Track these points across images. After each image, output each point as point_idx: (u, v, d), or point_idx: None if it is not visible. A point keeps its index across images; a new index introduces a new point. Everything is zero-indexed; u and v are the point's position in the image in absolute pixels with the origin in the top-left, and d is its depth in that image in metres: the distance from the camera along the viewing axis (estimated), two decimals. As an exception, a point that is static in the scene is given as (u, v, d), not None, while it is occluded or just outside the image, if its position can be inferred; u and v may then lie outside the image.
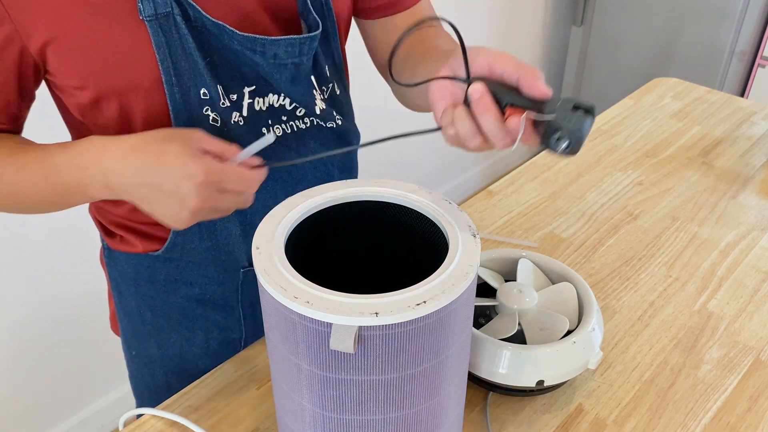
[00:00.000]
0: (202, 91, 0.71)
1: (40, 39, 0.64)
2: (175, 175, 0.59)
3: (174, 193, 0.60)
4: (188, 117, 0.71)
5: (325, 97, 0.81)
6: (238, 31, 0.69)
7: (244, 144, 0.76)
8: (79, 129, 0.76)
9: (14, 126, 0.73)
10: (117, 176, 0.62)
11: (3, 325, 1.55)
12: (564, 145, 0.58)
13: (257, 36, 0.71)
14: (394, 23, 0.86)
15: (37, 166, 0.67)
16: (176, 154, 0.59)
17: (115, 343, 1.00)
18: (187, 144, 0.60)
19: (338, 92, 0.82)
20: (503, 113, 0.60)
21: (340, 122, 0.83)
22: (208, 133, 0.63)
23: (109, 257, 0.89)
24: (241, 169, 0.62)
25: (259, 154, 0.64)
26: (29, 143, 0.71)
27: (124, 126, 0.71)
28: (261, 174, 0.64)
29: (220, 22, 0.68)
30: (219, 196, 0.61)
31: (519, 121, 0.58)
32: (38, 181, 0.68)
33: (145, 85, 0.68)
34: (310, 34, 0.74)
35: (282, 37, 0.72)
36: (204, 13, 0.67)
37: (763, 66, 2.39)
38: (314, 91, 0.79)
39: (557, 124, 0.58)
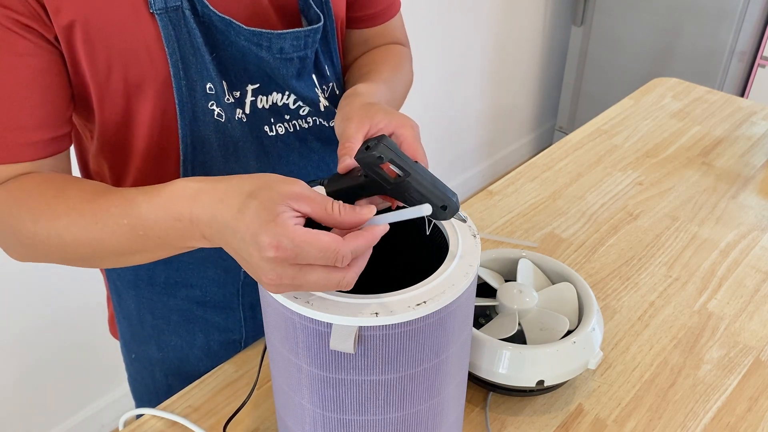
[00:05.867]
0: (208, 86, 0.71)
1: (67, 17, 0.63)
2: (246, 244, 0.49)
3: (248, 261, 0.51)
4: (193, 111, 0.71)
5: (327, 95, 0.81)
6: (244, 26, 0.70)
7: (246, 143, 0.76)
8: (83, 126, 0.76)
9: (63, 140, 0.69)
10: (207, 228, 0.53)
11: (3, 326, 1.55)
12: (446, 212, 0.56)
13: (263, 30, 0.71)
14: (364, 37, 0.90)
15: (120, 214, 0.58)
16: (253, 216, 0.49)
17: (115, 343, 1.00)
18: (268, 203, 0.49)
19: (338, 92, 0.83)
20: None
21: None
22: (306, 186, 0.52)
23: None
24: (326, 241, 0.49)
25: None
26: (101, 187, 0.63)
27: (128, 120, 0.71)
28: (355, 243, 0.50)
29: (227, 18, 0.69)
30: (300, 272, 0.49)
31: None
32: (122, 232, 0.58)
33: (153, 78, 0.68)
34: (314, 26, 0.75)
35: (288, 30, 0.73)
36: (211, 8, 0.68)
37: (763, 66, 2.39)
38: (316, 89, 0.79)
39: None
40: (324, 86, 0.81)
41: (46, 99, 0.65)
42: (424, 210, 0.52)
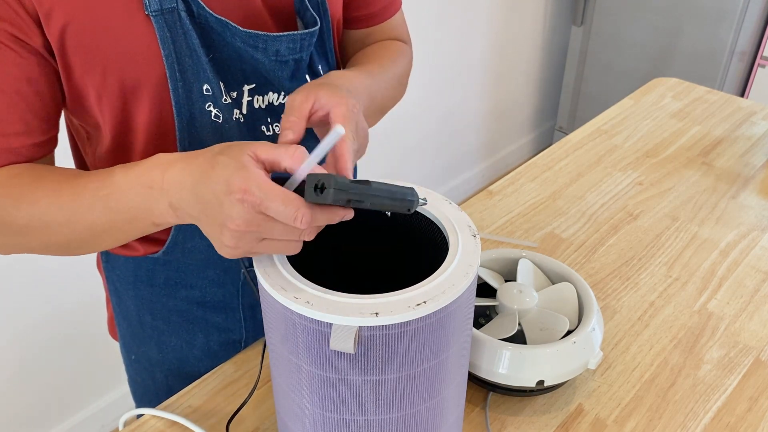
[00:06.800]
0: (204, 87, 0.71)
1: (59, 21, 0.63)
2: (217, 190, 0.52)
3: (216, 210, 0.53)
4: (190, 113, 0.71)
5: None
6: (240, 28, 0.70)
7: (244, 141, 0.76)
8: (80, 128, 0.76)
9: (50, 135, 0.70)
10: (177, 192, 0.56)
11: (3, 326, 1.55)
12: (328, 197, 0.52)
13: (260, 32, 0.71)
14: (361, 36, 0.89)
15: (98, 187, 0.61)
16: (223, 166, 0.52)
17: (115, 342, 0.99)
18: (238, 154, 0.53)
19: None
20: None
21: None
22: (269, 143, 0.55)
23: (107, 261, 0.88)
24: (291, 197, 0.51)
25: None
26: (81, 170, 0.66)
27: (125, 123, 0.71)
28: (324, 213, 0.53)
29: (223, 19, 0.69)
30: (264, 223, 0.52)
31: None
32: (97, 206, 0.61)
33: (149, 80, 0.68)
34: (311, 30, 0.74)
35: (284, 33, 0.72)
36: (208, 9, 0.68)
37: (763, 66, 2.39)
38: None
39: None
40: None
41: (29, 108, 0.65)
42: (339, 131, 0.52)
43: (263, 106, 0.77)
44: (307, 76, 0.79)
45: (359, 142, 0.64)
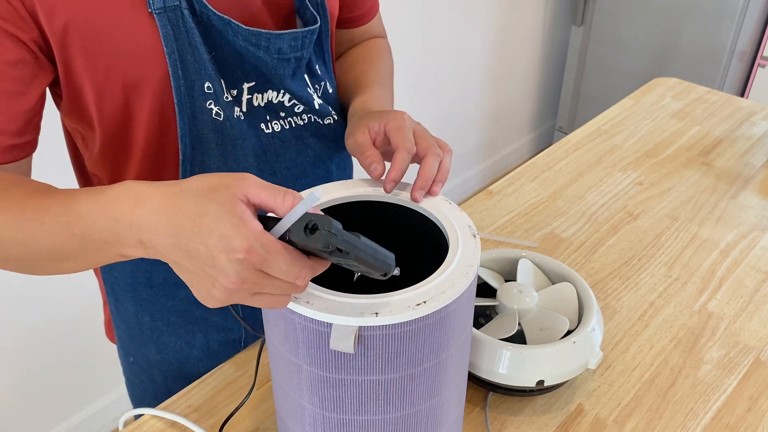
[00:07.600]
0: (206, 85, 0.71)
1: (62, 18, 0.62)
2: (211, 245, 0.47)
3: (208, 264, 0.48)
4: (192, 111, 0.71)
5: (320, 94, 0.82)
6: (243, 26, 0.70)
7: (244, 141, 0.76)
8: (78, 131, 0.76)
9: (27, 138, 0.68)
10: (151, 233, 0.50)
11: (4, 326, 1.55)
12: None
13: (262, 30, 0.71)
14: (350, 36, 0.94)
15: (60, 212, 0.55)
16: (216, 217, 0.47)
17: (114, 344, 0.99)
18: (230, 202, 0.48)
19: (330, 90, 0.84)
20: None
21: (336, 118, 0.84)
22: (258, 180, 0.50)
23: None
24: (294, 255, 0.49)
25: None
26: (49, 186, 0.61)
27: (125, 122, 0.71)
28: (318, 266, 0.51)
29: (226, 17, 0.69)
30: (261, 280, 0.49)
31: None
32: (60, 232, 0.55)
33: (152, 78, 0.68)
34: (312, 27, 0.75)
35: (286, 31, 0.73)
36: (210, 7, 0.68)
37: (763, 66, 2.39)
38: (308, 89, 0.80)
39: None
40: (316, 85, 0.82)
41: (9, 107, 0.64)
42: (316, 195, 0.47)
43: (262, 104, 0.77)
44: (306, 76, 0.80)
45: (424, 142, 0.68)
